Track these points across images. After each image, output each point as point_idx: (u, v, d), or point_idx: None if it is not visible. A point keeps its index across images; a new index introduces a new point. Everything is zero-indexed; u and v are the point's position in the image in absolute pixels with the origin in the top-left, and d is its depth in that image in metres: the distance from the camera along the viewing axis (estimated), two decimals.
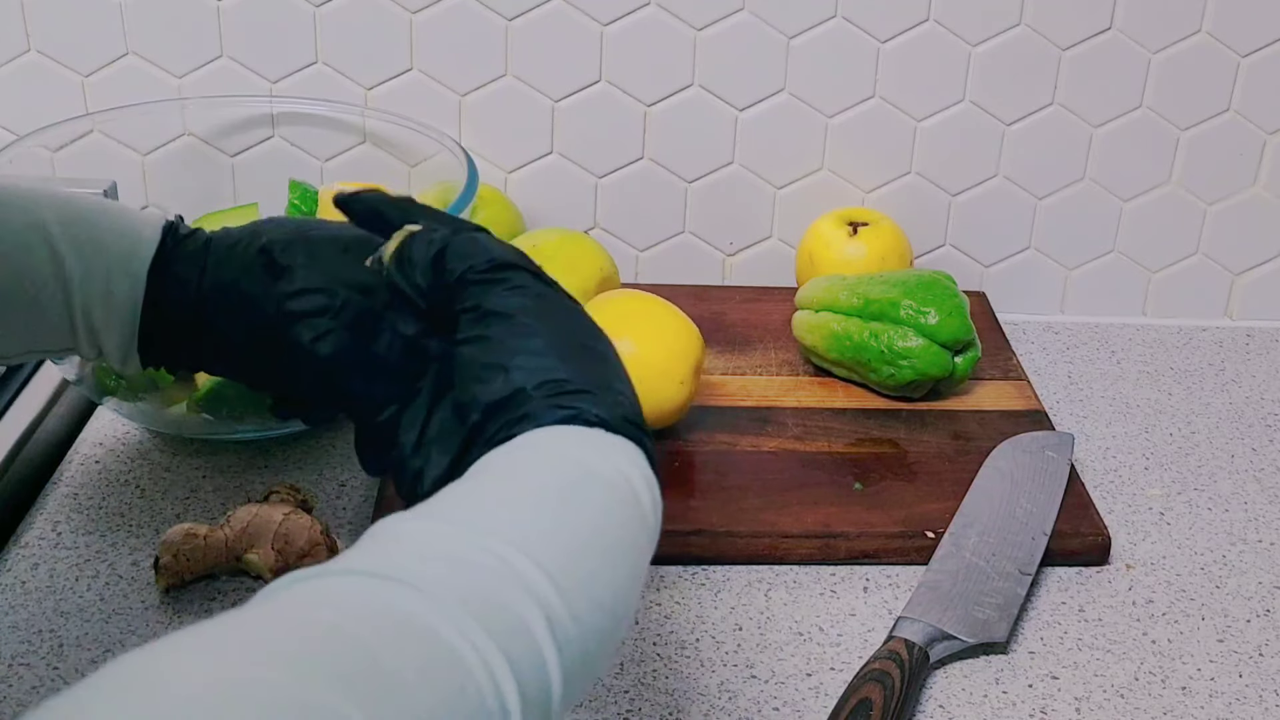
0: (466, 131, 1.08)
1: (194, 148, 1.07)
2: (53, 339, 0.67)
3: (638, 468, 0.53)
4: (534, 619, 0.44)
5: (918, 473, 0.89)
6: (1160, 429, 0.99)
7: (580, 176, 1.10)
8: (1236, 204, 1.12)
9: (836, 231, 1.06)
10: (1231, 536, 0.87)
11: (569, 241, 0.97)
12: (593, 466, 0.51)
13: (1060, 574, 0.83)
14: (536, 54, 1.06)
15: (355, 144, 1.07)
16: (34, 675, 0.72)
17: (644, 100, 1.07)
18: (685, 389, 0.87)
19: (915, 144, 1.10)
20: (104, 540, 0.82)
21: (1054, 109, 1.08)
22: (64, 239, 0.65)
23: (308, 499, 0.84)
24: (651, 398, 0.83)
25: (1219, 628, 0.80)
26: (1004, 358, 1.03)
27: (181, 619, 0.76)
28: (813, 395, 0.97)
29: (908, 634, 0.74)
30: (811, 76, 1.07)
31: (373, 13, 1.04)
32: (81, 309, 0.66)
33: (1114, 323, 1.14)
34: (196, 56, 1.05)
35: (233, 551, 0.78)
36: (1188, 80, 1.07)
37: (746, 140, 1.09)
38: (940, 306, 0.94)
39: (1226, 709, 0.74)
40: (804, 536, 0.82)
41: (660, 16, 1.05)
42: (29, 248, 0.64)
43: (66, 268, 0.65)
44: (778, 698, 0.73)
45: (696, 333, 0.89)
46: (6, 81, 1.04)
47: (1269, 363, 1.09)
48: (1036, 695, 0.74)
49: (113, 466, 0.88)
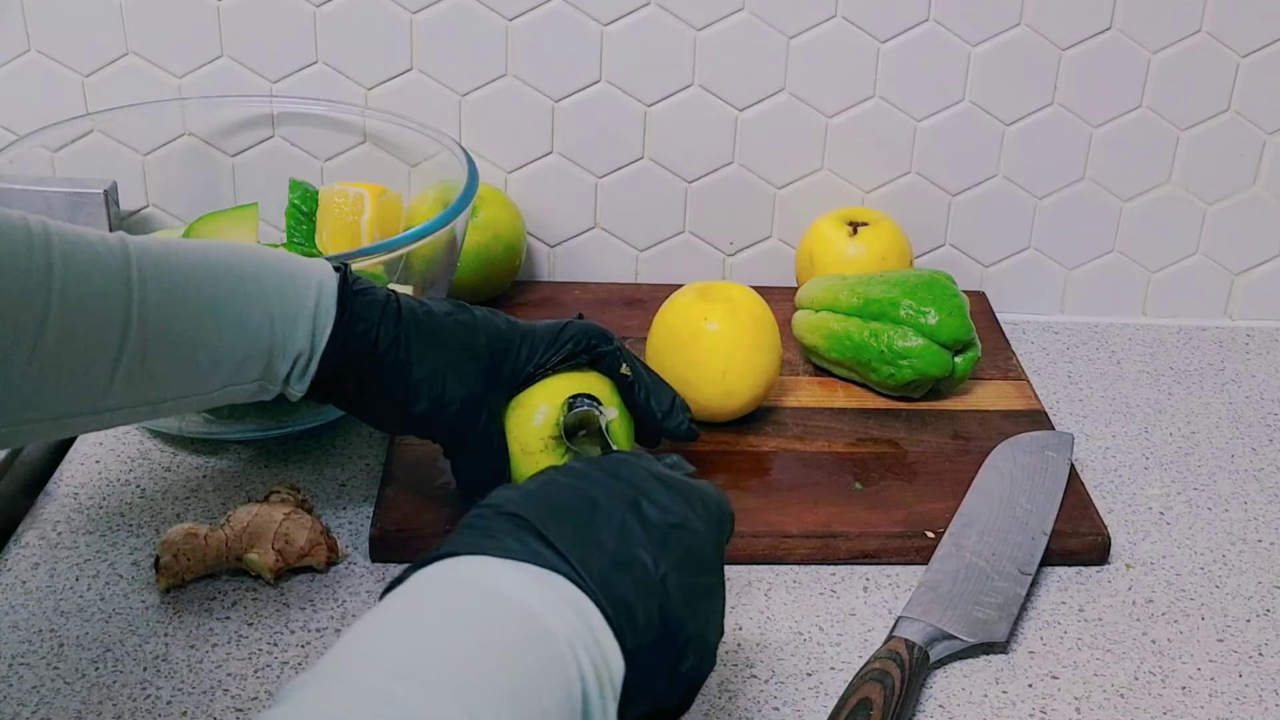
0: (466, 131, 1.08)
1: (194, 148, 1.07)
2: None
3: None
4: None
5: (918, 473, 0.89)
6: (1160, 429, 0.99)
7: (580, 176, 1.10)
8: (1236, 204, 1.12)
9: (836, 231, 1.06)
10: (1231, 536, 0.87)
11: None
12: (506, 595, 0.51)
13: (1060, 574, 0.83)
14: (536, 54, 1.06)
15: (355, 144, 1.07)
16: (34, 675, 0.72)
17: (644, 100, 1.07)
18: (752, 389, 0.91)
19: (915, 144, 1.10)
20: (104, 540, 0.82)
21: (1054, 109, 1.08)
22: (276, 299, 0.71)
23: (308, 499, 0.84)
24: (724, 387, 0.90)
25: (1219, 628, 0.80)
26: (1004, 358, 1.03)
27: (181, 619, 0.76)
28: (813, 395, 0.97)
29: (908, 634, 0.74)
30: (811, 76, 1.07)
31: (373, 13, 1.04)
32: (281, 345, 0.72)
33: (1114, 323, 1.14)
34: (196, 56, 1.05)
35: (233, 551, 0.78)
36: (1188, 80, 1.07)
37: (746, 140, 1.09)
38: (940, 306, 0.94)
39: (1226, 709, 0.74)
40: (804, 536, 0.82)
41: (660, 16, 1.05)
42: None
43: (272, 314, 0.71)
44: (778, 697, 0.73)
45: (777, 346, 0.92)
46: (6, 81, 1.04)
47: (1269, 363, 1.09)
48: (1036, 695, 0.74)
49: (113, 466, 0.88)
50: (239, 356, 0.70)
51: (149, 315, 0.66)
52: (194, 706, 0.70)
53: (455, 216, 0.89)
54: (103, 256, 0.65)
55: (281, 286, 0.71)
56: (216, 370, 0.70)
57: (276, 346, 0.71)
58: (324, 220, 0.98)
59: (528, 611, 0.50)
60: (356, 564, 0.81)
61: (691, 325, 0.90)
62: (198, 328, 0.68)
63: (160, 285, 0.67)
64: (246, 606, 0.77)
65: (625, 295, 1.11)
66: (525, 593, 0.50)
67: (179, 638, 0.75)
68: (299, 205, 1.00)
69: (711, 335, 0.90)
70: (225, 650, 0.74)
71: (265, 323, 0.70)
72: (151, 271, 0.67)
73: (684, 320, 0.91)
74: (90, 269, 0.64)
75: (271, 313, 0.70)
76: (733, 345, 0.90)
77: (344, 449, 0.91)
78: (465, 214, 0.90)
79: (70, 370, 0.64)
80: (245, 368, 0.71)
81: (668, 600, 0.54)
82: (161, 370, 0.68)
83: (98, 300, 0.64)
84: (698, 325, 0.90)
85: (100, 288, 0.64)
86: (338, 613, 0.77)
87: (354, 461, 0.90)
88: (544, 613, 0.50)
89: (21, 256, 0.62)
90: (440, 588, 0.51)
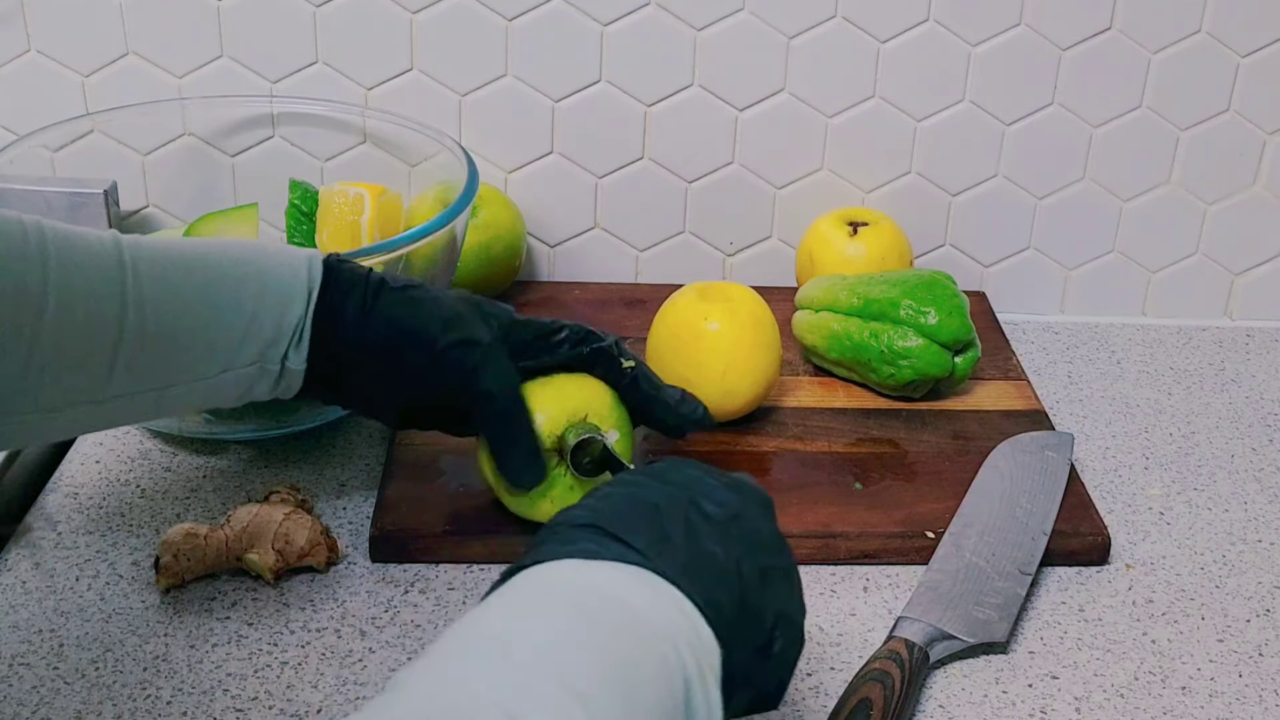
0: (466, 131, 1.08)
1: (194, 148, 1.07)
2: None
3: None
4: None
5: (918, 473, 0.89)
6: (1160, 429, 0.99)
7: (580, 176, 1.10)
8: (1236, 204, 1.12)
9: (836, 231, 1.06)
10: (1231, 536, 0.87)
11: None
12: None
13: (1060, 574, 0.83)
14: (536, 54, 1.06)
15: (355, 144, 1.07)
16: (34, 675, 0.72)
17: (644, 100, 1.07)
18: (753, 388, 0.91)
19: (915, 144, 1.10)
20: (104, 540, 0.82)
21: (1054, 109, 1.08)
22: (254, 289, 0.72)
23: (308, 499, 0.84)
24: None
25: (1219, 628, 0.80)
26: (1004, 358, 1.03)
27: (182, 619, 0.76)
28: (813, 395, 0.98)
29: (908, 634, 0.74)
30: (811, 76, 1.07)
31: (373, 13, 1.04)
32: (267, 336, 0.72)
33: (1114, 323, 1.14)
34: (196, 56, 1.05)
35: (233, 551, 0.78)
36: (1188, 80, 1.07)
37: (746, 140, 1.09)
38: (940, 306, 0.94)
39: (1226, 709, 0.74)
40: (804, 536, 0.82)
41: (660, 16, 1.05)
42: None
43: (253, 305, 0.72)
44: None
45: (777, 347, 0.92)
46: (6, 81, 1.04)
47: (1269, 363, 1.09)
48: (1036, 695, 0.74)
49: (113, 466, 0.88)
50: (236, 336, 0.71)
51: (144, 301, 0.68)
52: (194, 706, 0.70)
53: (455, 216, 0.89)
54: (96, 250, 0.67)
55: (273, 267, 0.72)
56: (214, 352, 0.71)
57: (270, 321, 0.72)
58: (324, 220, 0.98)
59: (623, 602, 0.51)
60: (356, 564, 0.81)
61: (691, 325, 0.90)
62: (192, 311, 0.70)
63: (153, 273, 0.68)
64: (246, 606, 0.77)
65: (625, 295, 1.11)
66: (618, 585, 0.52)
67: (179, 638, 0.75)
68: (299, 205, 1.00)
69: (711, 335, 0.90)
70: (225, 650, 0.74)
71: (258, 299, 0.71)
72: (145, 262, 0.68)
73: (684, 320, 0.91)
74: (84, 261, 0.66)
75: (265, 286, 0.71)
76: (733, 345, 0.90)
77: (344, 449, 0.91)
78: (465, 214, 0.90)
79: (69, 362, 0.66)
80: (243, 348, 0.71)
81: (745, 586, 0.56)
82: (160, 357, 0.69)
83: (93, 291, 0.66)
84: (698, 325, 0.90)
85: (95, 279, 0.66)
86: (338, 613, 0.77)
87: (354, 461, 0.90)
88: (638, 602, 0.51)
89: (16, 255, 0.64)
90: (535, 586, 0.52)
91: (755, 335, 0.90)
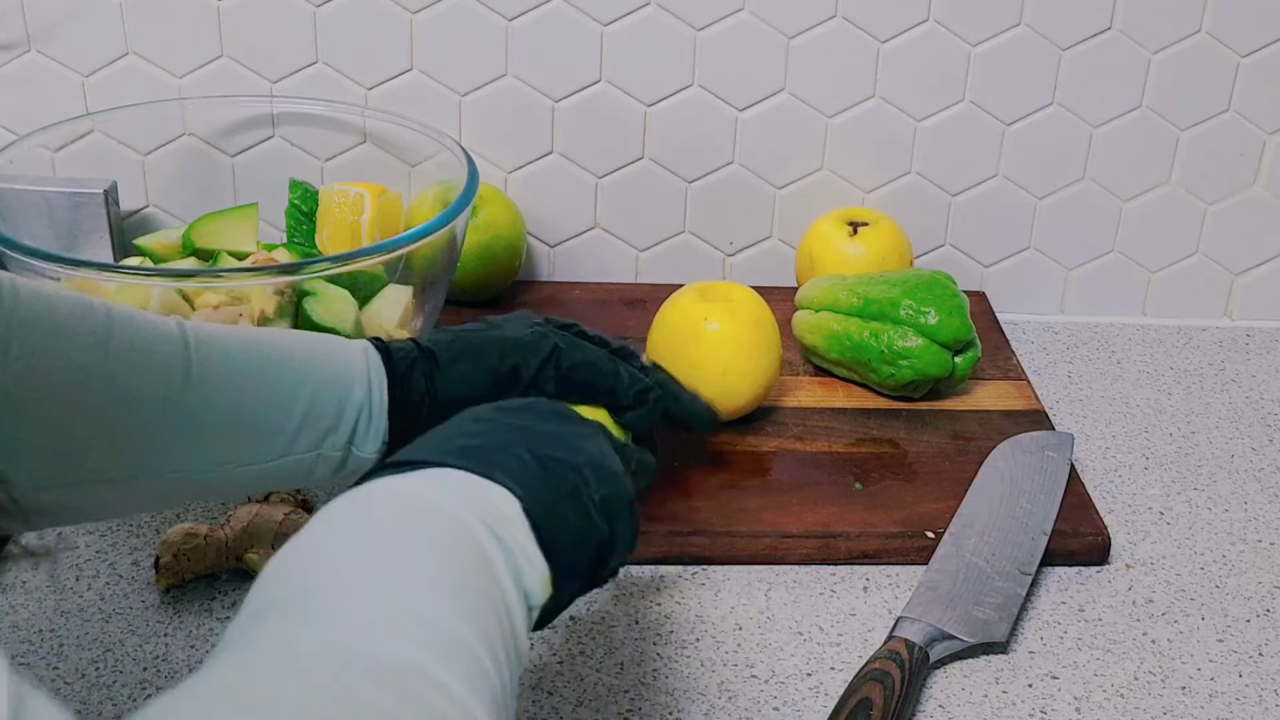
0: (466, 131, 1.08)
1: (194, 148, 1.07)
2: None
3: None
4: None
5: (918, 473, 0.89)
6: (1160, 429, 0.99)
7: (580, 176, 1.10)
8: (1236, 204, 1.12)
9: (836, 231, 1.06)
10: (1231, 536, 0.87)
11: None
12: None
13: (1060, 574, 0.83)
14: (536, 54, 1.06)
15: (355, 144, 1.07)
16: (34, 675, 0.72)
17: (644, 100, 1.07)
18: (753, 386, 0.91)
19: (915, 144, 1.10)
20: (104, 540, 0.82)
21: (1054, 109, 1.08)
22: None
23: (308, 499, 0.84)
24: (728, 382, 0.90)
25: (1219, 628, 0.80)
26: (1004, 358, 1.03)
27: (182, 619, 0.76)
28: (813, 395, 0.98)
29: (908, 634, 0.74)
30: (811, 76, 1.07)
31: (373, 13, 1.04)
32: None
33: (1114, 323, 1.14)
34: (196, 56, 1.05)
35: (233, 551, 0.78)
36: (1188, 80, 1.07)
37: (746, 140, 1.09)
38: (940, 306, 0.94)
39: (1226, 709, 0.74)
40: (804, 536, 0.82)
41: (660, 16, 1.05)
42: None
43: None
44: (778, 697, 0.73)
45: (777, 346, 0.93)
46: (6, 81, 1.04)
47: (1269, 363, 1.09)
48: (1036, 695, 0.74)
49: None
50: (295, 422, 0.69)
51: (204, 375, 0.67)
52: None
53: (455, 216, 0.89)
54: (157, 323, 0.67)
55: (330, 355, 0.71)
56: (274, 436, 0.69)
57: (331, 408, 0.70)
58: (324, 220, 0.98)
59: (407, 495, 0.54)
60: None
61: (691, 325, 0.90)
62: (249, 390, 0.68)
63: (212, 352, 0.68)
64: None
65: (625, 295, 1.11)
66: (404, 484, 0.55)
67: (179, 638, 0.75)
68: (299, 205, 1.00)
69: (711, 335, 0.90)
70: None
71: (317, 386, 0.70)
72: (205, 339, 0.68)
73: (684, 320, 0.91)
74: (143, 327, 0.66)
75: (326, 373, 0.70)
76: (733, 345, 0.90)
77: None
78: (465, 214, 0.90)
79: (125, 424, 0.65)
80: (302, 434, 0.70)
81: (534, 440, 0.59)
82: (216, 433, 0.68)
83: (151, 357, 0.66)
84: (698, 325, 0.90)
85: (153, 346, 0.66)
86: None
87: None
88: (415, 486, 0.55)
89: (84, 330, 0.64)
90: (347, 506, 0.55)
91: (755, 335, 0.90)
